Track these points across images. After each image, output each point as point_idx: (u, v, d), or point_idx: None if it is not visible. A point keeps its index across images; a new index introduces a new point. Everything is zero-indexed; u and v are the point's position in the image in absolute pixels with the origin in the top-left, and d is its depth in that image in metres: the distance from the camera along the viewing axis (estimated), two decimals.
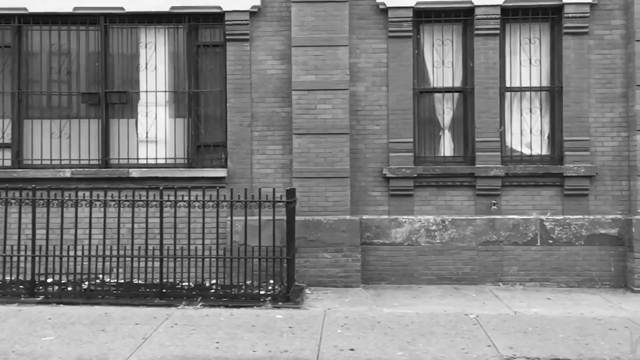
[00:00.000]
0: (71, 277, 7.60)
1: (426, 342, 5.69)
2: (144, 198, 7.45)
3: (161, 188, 7.54)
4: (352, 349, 5.48)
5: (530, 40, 8.67)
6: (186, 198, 7.41)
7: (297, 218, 8.22)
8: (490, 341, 5.74)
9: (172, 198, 7.37)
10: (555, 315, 6.76)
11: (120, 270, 7.92)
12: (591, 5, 8.35)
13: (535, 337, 5.88)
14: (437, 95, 8.80)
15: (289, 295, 7.16)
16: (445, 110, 8.79)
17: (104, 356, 5.23)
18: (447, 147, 8.79)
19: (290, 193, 7.28)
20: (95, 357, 5.22)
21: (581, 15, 8.34)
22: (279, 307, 6.96)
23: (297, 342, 5.66)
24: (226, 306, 6.99)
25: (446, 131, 8.80)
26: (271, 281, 7.84)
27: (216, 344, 5.59)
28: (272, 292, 7.33)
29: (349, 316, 6.61)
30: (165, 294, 7.24)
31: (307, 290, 7.99)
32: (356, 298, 7.62)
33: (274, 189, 7.42)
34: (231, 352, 5.38)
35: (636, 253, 8.01)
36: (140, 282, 7.76)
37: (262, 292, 7.38)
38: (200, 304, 7.02)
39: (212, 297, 7.27)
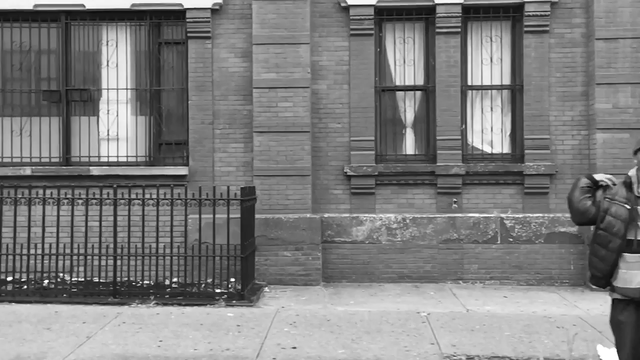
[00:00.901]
0: (32, 276, 7.56)
1: (370, 340, 5.68)
2: (97, 196, 7.40)
3: (115, 186, 7.51)
4: (294, 347, 5.47)
5: (491, 38, 8.68)
6: (145, 196, 7.36)
7: (257, 216, 8.21)
8: (435, 339, 5.74)
9: (126, 196, 7.34)
10: (507, 313, 6.77)
11: (82, 268, 7.89)
12: (552, 3, 8.36)
13: (480, 335, 5.89)
14: (400, 94, 8.80)
15: (243, 293, 7.14)
16: (408, 109, 8.79)
17: (42, 355, 5.21)
18: (409, 145, 8.79)
19: (245, 191, 7.25)
20: (34, 355, 5.20)
21: (542, 13, 8.35)
22: (232, 306, 6.94)
23: (241, 340, 5.65)
24: (179, 304, 6.97)
25: (409, 129, 8.80)
26: (232, 279, 7.81)
27: (159, 342, 5.57)
28: (228, 290, 7.31)
29: (300, 314, 6.61)
30: (119, 292, 7.22)
31: (266, 289, 7.98)
32: (314, 296, 7.61)
33: (228, 187, 7.40)
34: (172, 350, 5.36)
35: None
36: (101, 280, 7.72)
37: (218, 291, 7.36)
38: (154, 302, 7.00)
39: (167, 296, 7.26)
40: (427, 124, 8.70)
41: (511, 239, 8.33)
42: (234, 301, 7.07)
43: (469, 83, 8.67)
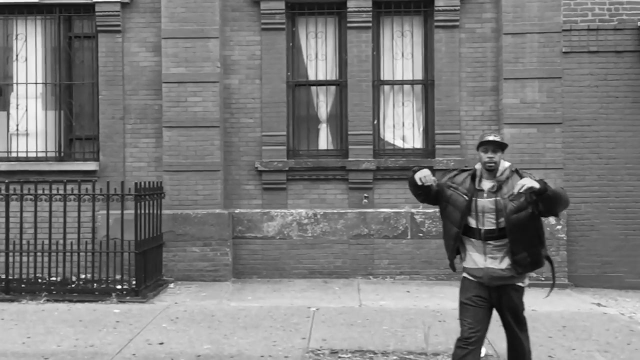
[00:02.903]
0: None
1: (243, 335, 5.64)
2: (3, 192, 7.26)
3: (21, 182, 7.41)
4: (161, 343, 5.41)
5: (402, 33, 8.67)
6: (53, 192, 7.24)
7: (166, 212, 8.15)
8: (309, 334, 5.71)
9: (18, 192, 7.23)
10: (399, 307, 6.75)
11: None
12: None
13: (357, 329, 5.87)
14: (313, 89, 8.76)
15: (138, 290, 7.07)
16: (321, 104, 8.75)
17: None
18: (322, 140, 8.76)
19: (140, 186, 7.15)
20: None
21: (452, 8, 8.34)
22: (124, 302, 6.87)
23: (111, 337, 5.58)
24: (71, 301, 6.89)
25: (322, 124, 8.77)
26: (143, 276, 7.71)
27: (27, 339, 5.48)
28: (123, 287, 7.21)
29: (187, 310, 6.55)
30: (13, 289, 7.12)
31: (171, 285, 7.92)
32: (216, 292, 7.55)
33: (122, 183, 7.31)
34: (35, 347, 5.28)
35: None
36: (10, 277, 7.57)
37: (117, 287, 7.27)
38: (45, 299, 6.90)
39: (65, 292, 7.15)
40: (340, 119, 8.67)
41: (421, 234, 8.32)
42: (128, 297, 7.00)
43: (382, 78, 8.65)
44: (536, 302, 7.02)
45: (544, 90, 8.14)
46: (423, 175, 4.03)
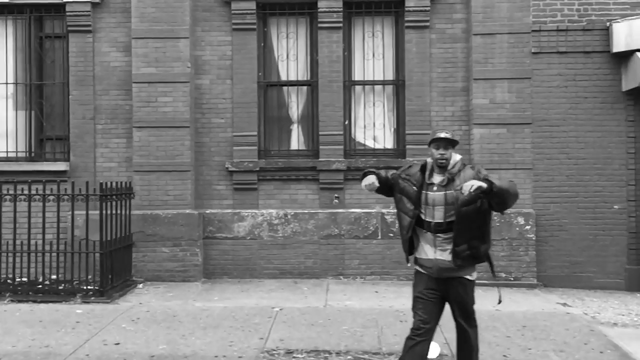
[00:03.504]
0: None
1: (201, 336, 5.63)
2: None
3: None
4: (117, 344, 5.40)
5: (373, 33, 8.67)
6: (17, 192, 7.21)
7: (136, 212, 8.13)
8: (269, 334, 5.70)
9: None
10: (363, 307, 6.74)
11: None
12: None
13: (317, 329, 5.87)
14: (285, 89, 8.76)
15: (103, 290, 7.04)
16: (293, 104, 8.75)
17: None
18: (294, 140, 8.75)
19: (105, 186, 7.14)
20: None
21: (422, 8, 8.34)
22: (88, 303, 6.85)
23: (68, 337, 5.56)
24: (35, 301, 6.87)
25: (294, 125, 8.77)
26: (110, 276, 7.69)
27: None
28: (88, 287, 7.18)
29: (150, 310, 6.53)
30: None
31: (140, 285, 7.90)
32: (183, 292, 7.53)
33: (87, 183, 7.29)
34: None
35: None
36: None
37: (84, 288, 7.24)
38: (9, 299, 6.89)
39: (28, 293, 7.11)
40: (312, 120, 8.67)
41: (392, 234, 8.31)
42: (93, 298, 6.98)
43: (353, 78, 8.65)
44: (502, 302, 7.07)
45: (514, 91, 8.15)
46: (367, 184, 4.33)
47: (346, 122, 8.57)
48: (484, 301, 7.01)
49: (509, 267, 7.99)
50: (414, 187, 4.27)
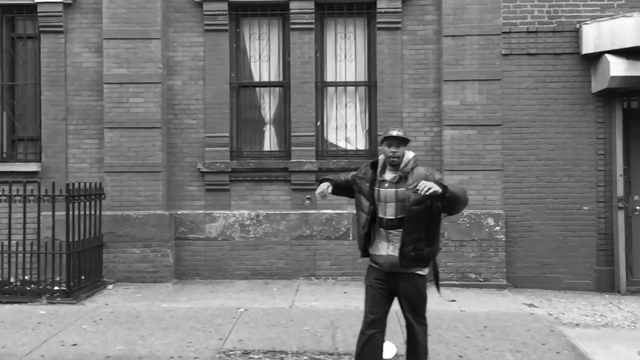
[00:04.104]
0: None
1: (161, 336, 5.63)
2: None
3: None
4: (74, 345, 5.39)
5: (346, 35, 8.68)
6: None
7: (107, 213, 8.13)
8: (228, 335, 5.71)
9: None
10: (329, 308, 6.75)
11: None
12: (403, 0, 8.36)
13: (278, 330, 5.87)
14: (258, 90, 8.76)
15: (69, 291, 7.03)
16: (266, 105, 8.76)
17: None
18: (266, 141, 8.76)
19: (73, 187, 7.13)
20: None
21: (393, 10, 8.36)
22: (54, 303, 6.84)
23: (26, 338, 5.56)
24: (0, 302, 6.84)
25: (267, 126, 8.77)
26: (78, 277, 7.67)
27: None
28: (54, 288, 7.16)
29: (115, 311, 6.52)
30: None
31: (109, 286, 7.88)
32: (152, 293, 7.53)
33: (53, 184, 7.28)
34: None
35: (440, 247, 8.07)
36: None
37: (51, 288, 7.22)
38: None
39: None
40: (284, 121, 8.67)
41: None
42: (59, 299, 6.97)
43: (326, 79, 8.67)
44: (468, 303, 7.12)
45: (484, 92, 8.17)
46: (318, 192, 4.51)
47: (318, 123, 8.58)
48: (450, 302, 7.08)
49: (479, 268, 8.01)
50: (367, 184, 4.37)
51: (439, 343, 5.50)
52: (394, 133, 4.38)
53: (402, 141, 4.36)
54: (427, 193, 3.91)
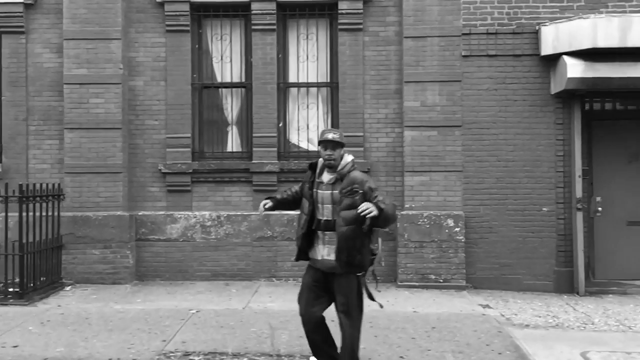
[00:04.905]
0: None
1: (104, 338, 5.61)
2: None
3: None
4: (15, 346, 5.37)
5: (308, 36, 8.68)
6: None
7: (66, 214, 8.10)
8: (173, 336, 5.69)
9: None
10: (283, 309, 6.72)
11: None
12: (365, 1, 8.37)
13: (225, 331, 5.86)
14: (220, 91, 8.75)
15: (22, 292, 6.99)
16: (228, 106, 8.74)
17: None
18: (229, 143, 8.74)
19: (23, 188, 7.09)
20: None
21: (355, 11, 8.36)
22: (6, 305, 6.82)
23: None
24: None
25: (229, 126, 8.76)
26: (43, 278, 7.60)
27: None
28: (6, 289, 7.12)
29: (65, 313, 6.49)
30: None
31: (67, 288, 7.85)
32: (109, 295, 7.49)
33: (6, 185, 7.25)
34: None
35: (400, 248, 8.08)
36: None
37: (4, 289, 7.18)
38: None
39: None
40: (246, 122, 8.66)
41: None
42: (12, 300, 6.93)
43: (288, 80, 8.66)
44: (424, 304, 7.11)
45: (444, 94, 8.18)
46: (258, 212, 4.79)
47: (280, 124, 8.57)
48: (405, 303, 7.08)
49: (439, 269, 8.02)
50: (307, 185, 4.50)
51: (383, 344, 5.50)
52: (330, 136, 4.45)
53: (338, 144, 4.41)
54: (366, 216, 4.08)
